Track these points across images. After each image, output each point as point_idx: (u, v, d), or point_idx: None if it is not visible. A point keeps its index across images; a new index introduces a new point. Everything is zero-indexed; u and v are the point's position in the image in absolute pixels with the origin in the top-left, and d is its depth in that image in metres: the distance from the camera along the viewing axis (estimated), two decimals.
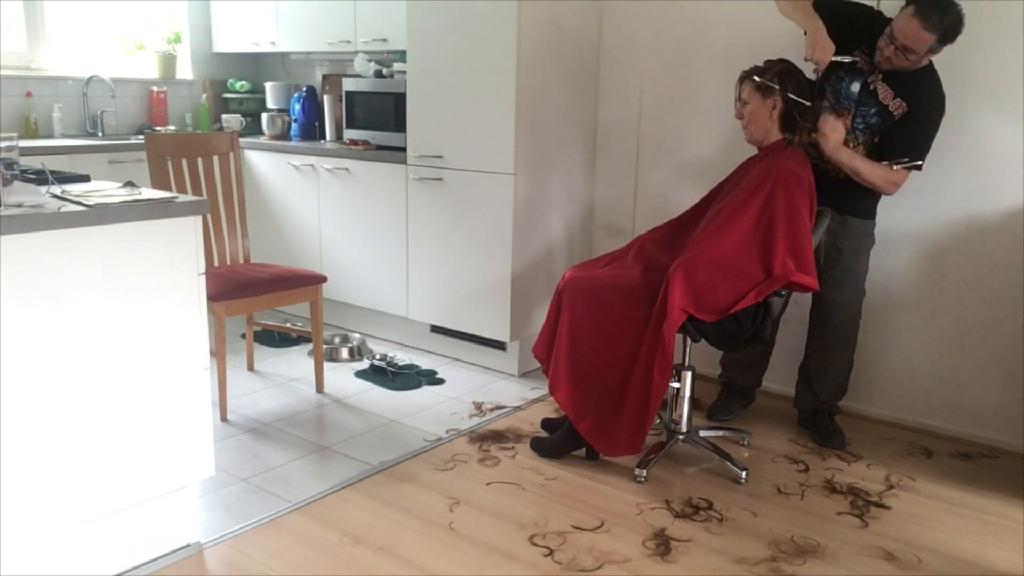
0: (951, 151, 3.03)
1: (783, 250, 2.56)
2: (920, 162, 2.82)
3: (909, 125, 2.81)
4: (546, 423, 3.10)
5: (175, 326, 2.12)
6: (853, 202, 2.92)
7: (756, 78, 2.73)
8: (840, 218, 2.90)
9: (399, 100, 3.91)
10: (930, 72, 2.80)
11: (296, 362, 3.86)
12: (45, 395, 1.90)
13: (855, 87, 2.85)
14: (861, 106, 2.86)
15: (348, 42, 4.36)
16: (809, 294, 2.80)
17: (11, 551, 1.91)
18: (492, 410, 3.32)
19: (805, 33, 2.74)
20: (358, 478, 2.70)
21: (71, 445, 1.96)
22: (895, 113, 2.81)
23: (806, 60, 2.70)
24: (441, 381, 3.65)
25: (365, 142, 4.15)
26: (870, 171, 2.81)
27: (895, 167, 2.80)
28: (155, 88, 4.88)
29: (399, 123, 3.93)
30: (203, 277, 2.17)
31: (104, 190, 2.20)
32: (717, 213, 2.74)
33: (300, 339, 4.12)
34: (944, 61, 2.98)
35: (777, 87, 2.70)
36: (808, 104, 2.71)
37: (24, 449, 1.88)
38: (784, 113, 2.73)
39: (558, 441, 2.87)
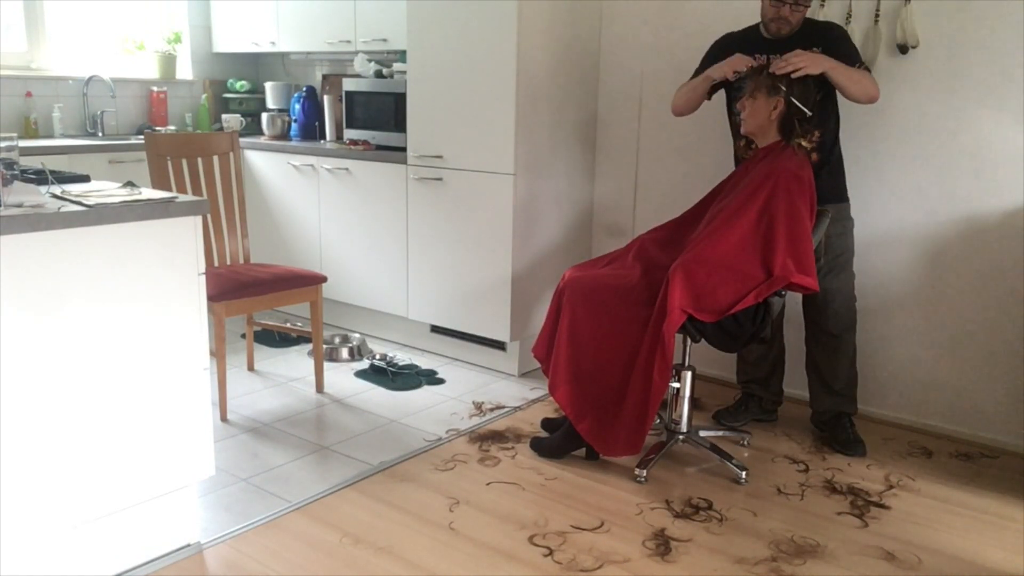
0: (950, 150, 3.03)
1: (784, 251, 2.56)
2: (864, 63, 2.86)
3: (835, 50, 2.79)
4: (546, 423, 3.10)
5: (175, 326, 2.12)
6: (827, 187, 2.88)
7: (767, 74, 2.72)
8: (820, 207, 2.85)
9: (399, 100, 3.91)
10: (808, 21, 2.92)
11: (296, 362, 3.86)
12: (45, 395, 1.90)
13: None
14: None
15: (348, 42, 4.36)
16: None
17: (11, 551, 1.91)
18: (492, 410, 3.32)
19: (710, 95, 3.04)
20: (358, 478, 2.70)
21: (71, 445, 1.96)
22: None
23: (732, 79, 2.90)
24: (441, 381, 3.65)
25: (365, 142, 4.15)
26: (858, 76, 2.76)
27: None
28: (155, 88, 4.88)
29: (399, 123, 3.93)
30: (203, 277, 2.17)
31: (104, 190, 2.20)
32: (717, 213, 2.74)
33: (300, 339, 4.12)
34: (944, 59, 2.99)
35: (784, 89, 2.69)
36: (809, 114, 2.71)
37: (24, 449, 1.88)
38: (784, 116, 2.71)
39: (558, 441, 2.87)
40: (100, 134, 4.61)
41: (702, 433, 2.96)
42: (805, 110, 2.69)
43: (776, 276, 2.54)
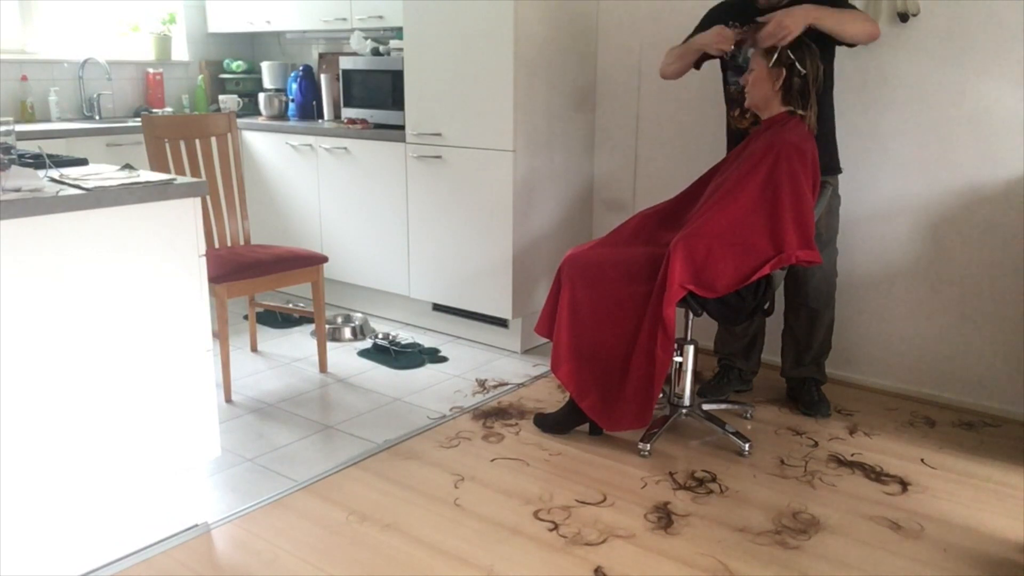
0: (952, 119, 3.01)
1: (792, 225, 2.55)
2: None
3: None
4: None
5: (177, 308, 2.12)
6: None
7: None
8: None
9: (396, 78, 3.89)
10: None
11: (299, 342, 3.87)
12: (49, 381, 1.91)
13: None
14: None
15: (344, 20, 4.33)
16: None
17: (15, 536, 1.92)
18: (495, 387, 3.33)
19: (698, 66, 3.03)
20: (363, 456, 2.72)
21: (77, 429, 1.97)
22: None
23: (723, 54, 2.90)
24: (444, 359, 3.66)
25: (363, 121, 4.13)
26: (850, 15, 2.70)
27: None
28: (151, 70, 4.85)
29: (397, 101, 3.90)
30: (204, 259, 2.17)
31: (102, 173, 2.19)
32: (718, 187, 2.73)
33: (302, 320, 4.12)
34: (945, 27, 2.96)
35: (782, 56, 2.63)
36: (805, 72, 2.66)
37: (29, 433, 1.89)
38: (788, 87, 2.67)
39: (561, 417, 2.88)
40: (97, 117, 4.59)
41: (705, 406, 2.97)
42: (802, 68, 2.64)
43: (786, 252, 2.53)
